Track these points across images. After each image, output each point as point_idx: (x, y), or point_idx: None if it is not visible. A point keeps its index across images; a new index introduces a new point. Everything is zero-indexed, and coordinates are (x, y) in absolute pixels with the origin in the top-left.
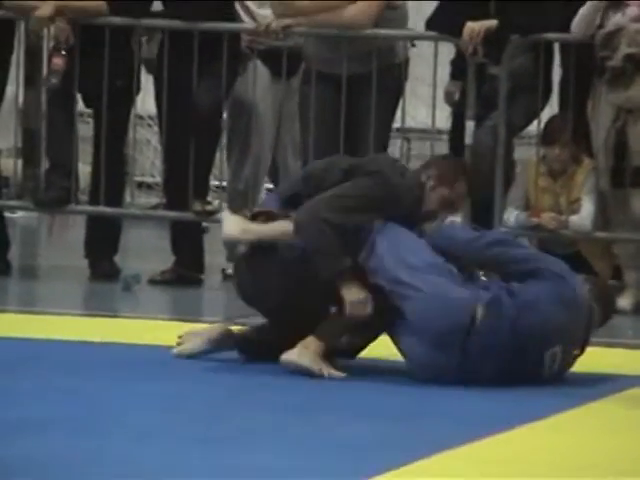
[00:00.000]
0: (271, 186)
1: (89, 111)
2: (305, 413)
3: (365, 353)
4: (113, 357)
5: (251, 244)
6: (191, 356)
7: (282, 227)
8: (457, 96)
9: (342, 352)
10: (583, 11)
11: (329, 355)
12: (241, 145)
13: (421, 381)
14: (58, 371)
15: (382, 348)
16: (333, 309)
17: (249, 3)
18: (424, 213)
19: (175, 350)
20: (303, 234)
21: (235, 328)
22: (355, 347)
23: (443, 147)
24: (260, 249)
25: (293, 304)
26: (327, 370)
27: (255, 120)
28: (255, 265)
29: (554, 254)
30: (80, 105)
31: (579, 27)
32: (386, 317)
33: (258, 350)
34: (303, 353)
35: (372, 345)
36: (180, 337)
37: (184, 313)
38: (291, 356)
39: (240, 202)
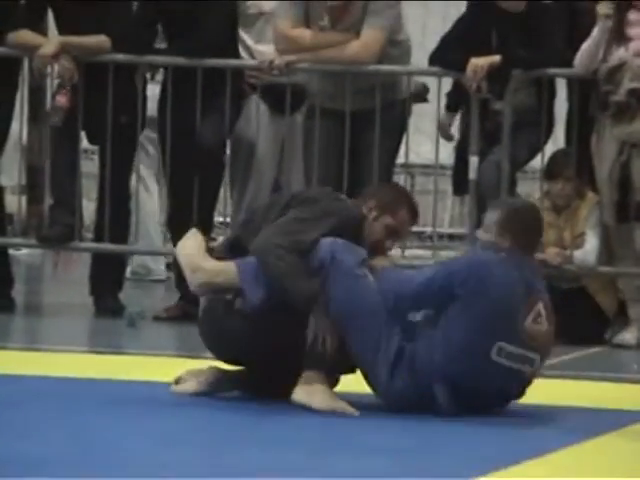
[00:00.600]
0: None
1: (94, 148)
2: (317, 449)
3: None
4: (117, 394)
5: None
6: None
7: (227, 267)
8: (451, 128)
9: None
10: (585, 46)
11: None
12: (241, 182)
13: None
14: (60, 408)
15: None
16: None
17: (246, 37)
18: (370, 244)
19: (172, 388)
20: (265, 267)
21: (232, 368)
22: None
23: (447, 182)
24: (219, 300)
25: (263, 351)
26: (342, 407)
27: (255, 157)
28: (217, 318)
29: (558, 290)
30: (84, 142)
31: (582, 62)
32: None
33: (256, 387)
34: (311, 392)
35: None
36: (178, 377)
37: (189, 349)
38: (301, 397)
39: None
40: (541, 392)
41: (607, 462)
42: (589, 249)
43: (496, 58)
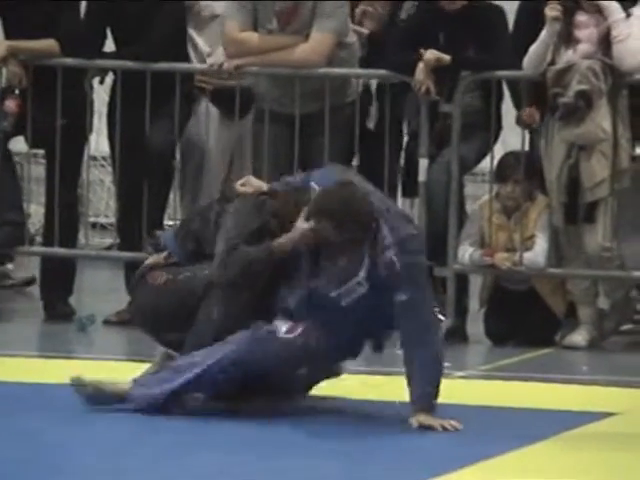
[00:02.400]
0: None
1: (43, 152)
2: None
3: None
4: (66, 399)
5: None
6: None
7: None
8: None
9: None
10: (534, 48)
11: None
12: (192, 185)
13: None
14: (10, 413)
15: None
16: None
17: (199, 40)
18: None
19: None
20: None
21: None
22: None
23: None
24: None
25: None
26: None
27: (206, 160)
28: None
29: (508, 291)
30: (24, 146)
31: (530, 64)
32: None
33: None
34: None
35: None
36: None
37: (139, 354)
38: None
39: None
40: (490, 394)
41: (558, 464)
42: (539, 251)
43: (446, 57)
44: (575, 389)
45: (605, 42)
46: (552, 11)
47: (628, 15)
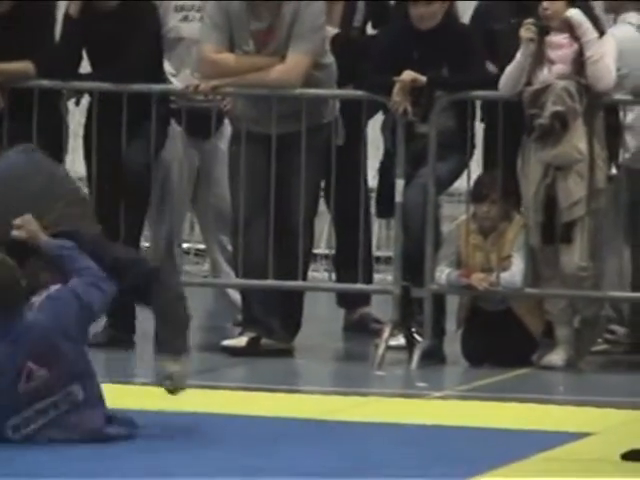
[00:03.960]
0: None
1: None
2: None
3: None
4: None
5: None
6: None
7: None
8: None
9: None
10: (509, 69)
11: None
12: (157, 207)
13: None
14: None
15: None
16: None
17: (165, 63)
18: None
19: None
20: None
21: None
22: None
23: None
24: None
25: None
26: None
27: (171, 181)
28: None
29: (485, 312)
30: None
31: (506, 85)
32: None
33: None
34: None
35: None
36: None
37: (116, 375)
38: None
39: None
40: (468, 414)
41: None
42: (516, 271)
43: (422, 78)
44: (552, 409)
45: (578, 62)
46: (527, 32)
47: (601, 35)
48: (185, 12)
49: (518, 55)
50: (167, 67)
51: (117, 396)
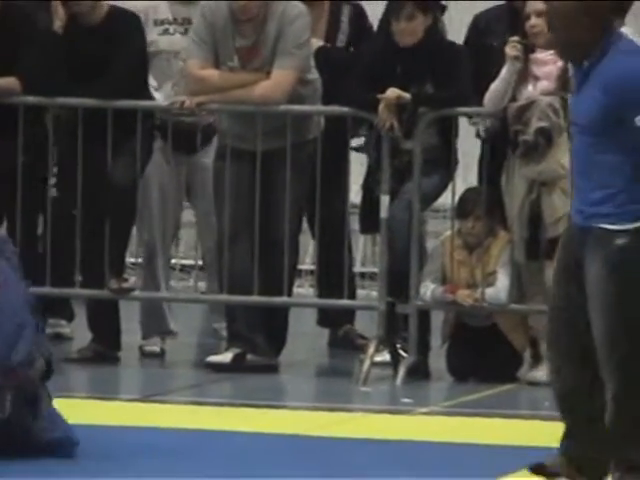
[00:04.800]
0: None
1: None
2: None
3: None
4: None
5: None
6: None
7: None
8: None
9: None
10: (494, 86)
11: None
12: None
13: None
14: None
15: None
16: None
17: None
18: None
19: None
20: None
21: None
22: None
23: (354, 221)
24: None
25: None
26: None
27: (149, 196)
28: None
29: (470, 327)
30: None
31: (491, 102)
32: None
33: None
34: None
35: None
36: None
37: (101, 391)
38: None
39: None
40: (453, 430)
41: None
42: (501, 287)
43: (406, 95)
44: (537, 425)
45: (563, 79)
46: (512, 50)
47: None
48: (166, 25)
49: (503, 72)
50: (150, 81)
51: (101, 412)
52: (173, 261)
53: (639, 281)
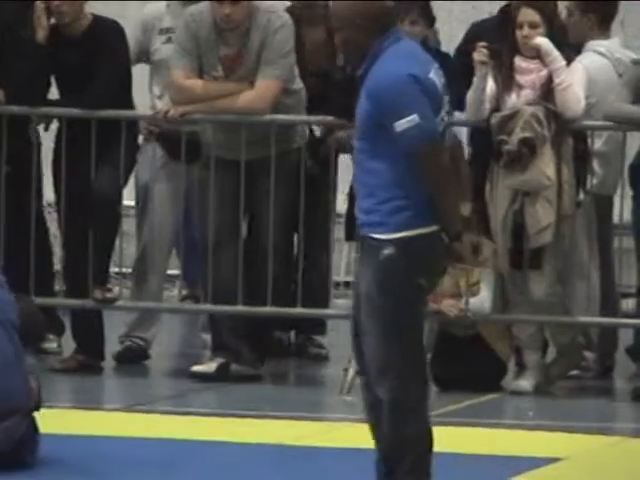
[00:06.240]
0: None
1: None
2: None
3: None
4: None
5: None
6: None
7: None
8: None
9: None
10: (469, 94)
11: None
12: (136, 226)
13: None
14: None
15: None
16: None
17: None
18: None
19: None
20: None
21: None
22: None
23: (341, 230)
24: None
25: None
26: None
27: (151, 203)
28: None
29: (454, 337)
30: None
31: (470, 109)
32: None
33: None
34: None
35: None
36: None
37: (84, 401)
38: None
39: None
40: (436, 440)
41: None
42: (485, 297)
43: None
44: (521, 434)
45: (546, 88)
46: (479, 55)
47: (569, 62)
48: (170, 34)
49: (474, 79)
50: (154, 89)
51: (85, 422)
52: None
53: (401, 292)
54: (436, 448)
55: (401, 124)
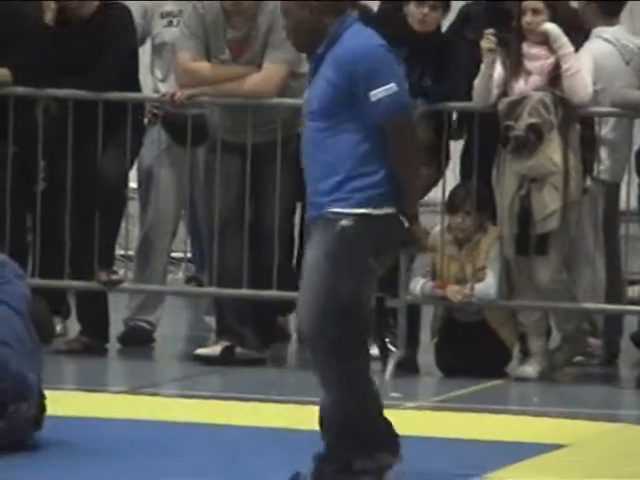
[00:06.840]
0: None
1: None
2: None
3: None
4: None
5: None
6: None
7: None
8: None
9: None
10: (477, 81)
11: None
12: (140, 209)
13: None
14: None
15: None
16: None
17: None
18: None
19: None
20: None
21: None
22: None
23: None
24: None
25: None
26: None
27: (155, 187)
28: None
29: (459, 323)
30: None
31: (477, 96)
32: None
33: None
34: None
35: None
36: None
37: (89, 383)
38: None
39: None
40: (442, 425)
41: None
42: (490, 282)
43: None
44: (525, 420)
45: (553, 74)
46: (487, 43)
47: (577, 49)
48: (170, 18)
49: (482, 66)
50: (156, 72)
51: (89, 404)
52: None
53: (351, 264)
54: (441, 434)
55: (377, 93)
